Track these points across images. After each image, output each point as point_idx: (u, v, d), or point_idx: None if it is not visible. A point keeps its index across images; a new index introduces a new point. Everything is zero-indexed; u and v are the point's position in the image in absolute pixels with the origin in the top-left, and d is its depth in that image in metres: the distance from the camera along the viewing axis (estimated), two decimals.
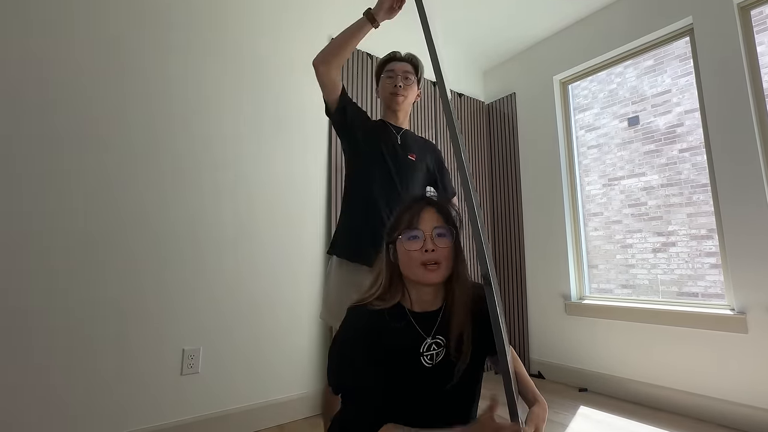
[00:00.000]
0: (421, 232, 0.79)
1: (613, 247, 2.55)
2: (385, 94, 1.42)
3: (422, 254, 0.78)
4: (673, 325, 2.08)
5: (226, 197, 1.88)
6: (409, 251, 0.79)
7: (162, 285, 1.66)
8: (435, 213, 0.82)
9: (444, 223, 0.81)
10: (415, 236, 0.79)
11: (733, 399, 1.85)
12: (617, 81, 2.64)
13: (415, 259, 0.78)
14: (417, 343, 0.79)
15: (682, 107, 2.30)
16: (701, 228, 2.16)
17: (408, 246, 0.79)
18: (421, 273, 0.78)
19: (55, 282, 1.45)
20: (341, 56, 1.31)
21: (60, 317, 1.45)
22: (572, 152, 2.79)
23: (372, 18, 1.29)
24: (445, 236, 0.80)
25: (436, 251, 0.78)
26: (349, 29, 1.31)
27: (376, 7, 1.28)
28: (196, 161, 1.81)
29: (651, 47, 2.42)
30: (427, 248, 0.78)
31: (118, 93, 1.65)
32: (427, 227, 0.80)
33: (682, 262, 2.23)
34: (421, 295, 0.82)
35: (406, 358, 0.78)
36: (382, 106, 1.48)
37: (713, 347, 1.94)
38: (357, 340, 0.77)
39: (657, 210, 2.36)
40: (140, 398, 1.56)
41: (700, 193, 2.18)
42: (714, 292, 2.09)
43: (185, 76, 1.82)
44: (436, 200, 0.86)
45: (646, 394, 2.14)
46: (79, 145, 1.54)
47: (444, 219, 0.82)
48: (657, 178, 2.37)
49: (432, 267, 0.78)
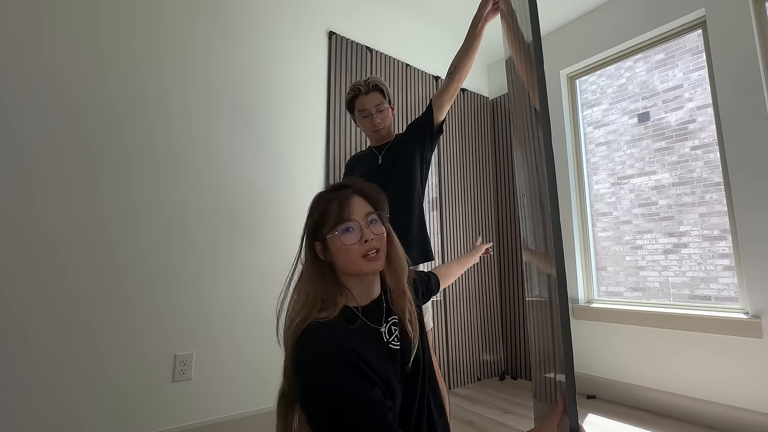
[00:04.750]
0: (355, 222, 0.77)
1: (622, 249, 2.54)
2: (367, 131, 1.64)
3: (361, 245, 0.76)
4: (684, 330, 2.08)
5: (220, 199, 1.87)
6: (347, 246, 0.76)
7: (152, 287, 1.66)
8: (362, 200, 0.81)
9: (373, 209, 0.81)
10: (349, 228, 0.76)
11: (747, 406, 1.84)
12: (627, 75, 2.64)
13: (356, 252, 0.76)
14: (378, 338, 0.79)
15: (694, 103, 2.30)
16: (714, 228, 2.16)
17: (345, 240, 0.76)
18: (362, 264, 0.77)
19: (41, 286, 1.44)
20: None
21: (46, 322, 1.44)
22: (580, 150, 2.79)
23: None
24: (377, 221, 0.80)
25: (374, 239, 0.78)
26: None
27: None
28: (189, 162, 1.81)
29: (662, 40, 2.41)
30: (366, 238, 0.77)
31: (112, 91, 1.65)
32: (360, 216, 0.78)
33: (695, 264, 2.22)
34: (364, 286, 0.81)
35: (384, 356, 0.78)
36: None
37: (726, 352, 1.93)
38: (348, 366, 0.68)
39: (668, 210, 2.35)
40: (130, 406, 1.56)
41: (713, 192, 2.18)
42: (727, 296, 2.08)
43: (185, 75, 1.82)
44: (359, 185, 0.84)
45: (656, 402, 2.14)
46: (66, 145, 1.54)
47: (372, 204, 0.82)
48: (668, 177, 2.37)
49: (372, 255, 0.77)
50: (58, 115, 1.53)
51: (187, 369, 1.69)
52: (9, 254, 1.40)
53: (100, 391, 1.51)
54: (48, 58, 1.53)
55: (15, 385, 1.37)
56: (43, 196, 1.48)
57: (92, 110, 1.60)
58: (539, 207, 0.82)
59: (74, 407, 1.46)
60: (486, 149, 3.17)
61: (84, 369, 1.49)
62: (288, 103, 2.15)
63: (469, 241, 2.88)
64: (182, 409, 1.67)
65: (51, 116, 1.52)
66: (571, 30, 2.83)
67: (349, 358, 0.68)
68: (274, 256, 1.98)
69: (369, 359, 0.71)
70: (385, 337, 0.80)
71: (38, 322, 1.43)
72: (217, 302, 1.81)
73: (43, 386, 1.41)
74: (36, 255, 1.45)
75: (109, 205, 1.60)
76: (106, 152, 1.62)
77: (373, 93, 1.57)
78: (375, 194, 0.84)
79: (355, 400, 0.66)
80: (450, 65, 1.50)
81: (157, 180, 1.72)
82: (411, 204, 1.51)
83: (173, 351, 1.68)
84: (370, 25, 2.57)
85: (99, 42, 1.64)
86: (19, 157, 1.45)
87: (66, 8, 1.59)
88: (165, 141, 1.76)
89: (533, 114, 0.78)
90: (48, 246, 1.47)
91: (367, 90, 1.57)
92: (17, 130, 1.46)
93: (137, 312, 1.62)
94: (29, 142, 1.47)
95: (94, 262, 1.55)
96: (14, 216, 1.42)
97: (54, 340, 1.45)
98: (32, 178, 1.46)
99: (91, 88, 1.61)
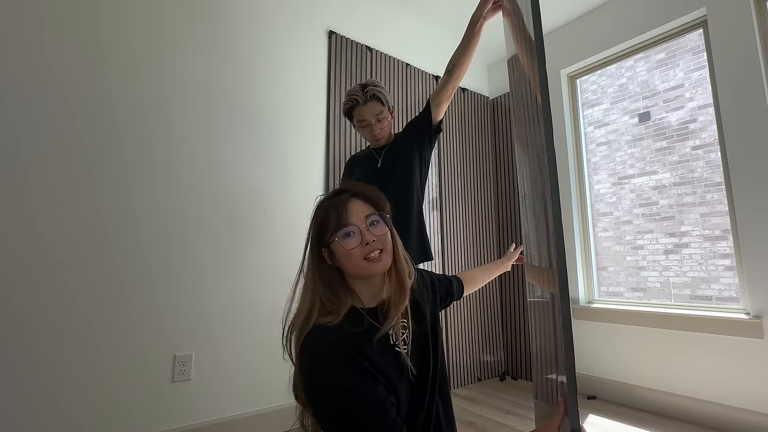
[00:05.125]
0: (355, 227, 0.78)
1: (623, 249, 2.55)
2: (367, 139, 1.65)
3: (362, 249, 0.78)
4: (685, 330, 2.08)
5: (219, 199, 1.87)
6: (348, 250, 0.77)
7: (151, 288, 1.66)
8: (362, 202, 0.81)
9: (374, 210, 0.81)
10: (349, 233, 0.78)
11: (748, 407, 1.85)
12: (627, 75, 2.64)
13: (357, 256, 0.77)
14: (387, 337, 0.79)
15: (695, 102, 2.30)
16: (715, 228, 2.16)
17: (346, 245, 0.77)
18: (365, 266, 0.78)
19: (40, 287, 1.44)
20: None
21: (44, 323, 1.44)
22: (580, 149, 2.79)
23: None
24: (379, 223, 0.80)
25: (376, 241, 0.78)
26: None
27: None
28: (189, 163, 1.81)
29: (663, 40, 2.42)
30: (367, 241, 0.77)
31: (112, 92, 1.65)
32: (359, 219, 0.79)
33: (695, 264, 2.23)
34: (371, 288, 0.82)
35: (388, 356, 0.78)
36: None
37: (727, 353, 1.94)
38: (352, 364, 0.70)
39: (669, 210, 2.36)
40: (129, 406, 1.56)
41: (714, 192, 2.18)
42: (728, 296, 2.09)
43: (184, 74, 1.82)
44: (357, 188, 0.84)
45: (657, 402, 2.14)
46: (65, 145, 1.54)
47: (372, 205, 0.82)
48: (669, 177, 2.37)
49: (374, 257, 0.78)
50: (56, 115, 1.53)
51: (187, 369, 1.69)
52: (7, 255, 1.40)
53: (99, 392, 1.51)
54: (48, 58, 1.53)
55: (13, 385, 1.37)
56: (41, 197, 1.48)
57: (92, 111, 1.60)
58: (542, 205, 0.81)
59: (73, 408, 1.46)
60: (486, 149, 3.17)
61: (83, 369, 1.49)
62: (288, 103, 2.15)
63: (469, 241, 2.88)
64: (181, 410, 1.67)
65: (50, 117, 1.52)
66: (572, 29, 2.83)
67: (352, 357, 0.70)
68: (273, 257, 1.98)
69: (372, 357, 0.73)
70: (392, 339, 0.80)
71: (37, 322, 1.43)
72: (217, 303, 1.81)
73: (41, 386, 1.41)
74: (34, 255, 1.45)
75: (108, 205, 1.60)
76: (105, 153, 1.61)
77: (371, 103, 1.54)
78: (374, 195, 0.84)
79: (359, 398, 0.68)
80: (448, 63, 1.49)
81: (156, 180, 1.72)
82: (410, 205, 1.51)
83: (173, 351, 1.68)
84: (369, 25, 2.58)
85: (99, 43, 1.64)
86: (16, 157, 1.45)
87: (66, 8, 1.58)
88: (164, 141, 1.76)
89: (537, 111, 0.78)
90: (46, 246, 1.47)
91: (365, 100, 1.54)
92: (15, 129, 1.45)
93: (136, 312, 1.61)
94: (27, 142, 1.47)
95: (93, 263, 1.55)
96: (13, 216, 1.42)
97: (53, 340, 1.45)
98: (31, 178, 1.46)
99: (91, 88, 1.61)
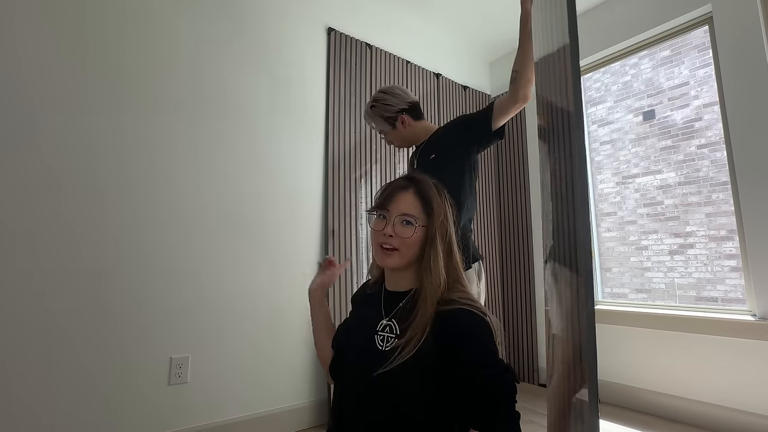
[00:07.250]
0: (388, 212, 0.81)
1: (627, 249, 2.54)
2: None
3: (381, 235, 0.80)
4: (690, 332, 2.08)
5: (217, 200, 1.87)
6: (373, 229, 0.83)
7: (148, 288, 1.66)
8: (411, 197, 0.82)
9: (413, 212, 0.80)
10: (381, 215, 0.82)
11: (754, 410, 1.84)
12: (632, 73, 2.64)
13: (376, 238, 0.82)
14: (375, 322, 0.82)
15: (700, 101, 2.30)
16: (721, 229, 2.16)
17: (373, 224, 0.83)
18: (378, 252, 0.82)
19: (33, 286, 1.44)
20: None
21: (39, 325, 1.44)
22: None
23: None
24: (410, 225, 0.79)
25: (394, 237, 0.79)
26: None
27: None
28: (189, 164, 1.81)
29: (667, 37, 2.41)
30: (386, 232, 0.79)
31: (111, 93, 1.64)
32: (395, 211, 0.81)
33: (701, 265, 2.22)
34: (388, 273, 0.87)
35: (365, 330, 0.82)
36: None
37: (734, 355, 1.93)
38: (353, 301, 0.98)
39: (674, 210, 2.35)
40: (125, 409, 1.56)
41: (719, 192, 2.18)
42: (734, 297, 2.08)
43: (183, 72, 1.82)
44: (421, 187, 0.83)
45: (662, 405, 2.14)
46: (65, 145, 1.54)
47: (422, 205, 0.81)
48: (674, 176, 2.37)
49: (387, 249, 0.80)
50: (57, 115, 1.53)
51: (183, 372, 1.69)
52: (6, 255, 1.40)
53: (95, 395, 1.51)
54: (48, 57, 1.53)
55: (8, 387, 1.36)
56: (39, 197, 1.47)
57: (91, 112, 1.60)
58: (569, 208, 0.78)
59: (68, 411, 1.45)
60: (488, 149, 3.16)
61: (78, 372, 1.49)
62: (286, 102, 2.14)
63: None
64: (178, 413, 1.66)
65: (49, 117, 1.51)
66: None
67: (352, 299, 0.99)
68: (271, 258, 1.98)
69: (355, 314, 0.95)
70: (378, 328, 0.81)
71: (31, 324, 1.42)
72: (213, 305, 1.80)
73: (36, 389, 1.41)
74: (29, 257, 1.44)
75: (107, 207, 1.60)
76: (105, 153, 1.61)
77: (369, 120, 1.61)
78: (431, 203, 0.81)
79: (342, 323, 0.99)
80: (512, 72, 1.41)
81: (155, 181, 1.72)
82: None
83: (169, 354, 1.67)
84: (369, 22, 2.57)
85: (95, 41, 1.64)
86: (17, 156, 1.44)
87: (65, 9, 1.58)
88: (164, 141, 1.75)
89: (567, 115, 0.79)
90: (45, 247, 1.47)
91: (366, 118, 1.62)
92: (14, 130, 1.45)
93: (133, 315, 1.61)
94: (26, 142, 1.47)
95: (89, 265, 1.54)
96: (12, 216, 1.42)
97: (48, 343, 1.44)
98: (30, 178, 1.46)
99: (90, 89, 1.60)
